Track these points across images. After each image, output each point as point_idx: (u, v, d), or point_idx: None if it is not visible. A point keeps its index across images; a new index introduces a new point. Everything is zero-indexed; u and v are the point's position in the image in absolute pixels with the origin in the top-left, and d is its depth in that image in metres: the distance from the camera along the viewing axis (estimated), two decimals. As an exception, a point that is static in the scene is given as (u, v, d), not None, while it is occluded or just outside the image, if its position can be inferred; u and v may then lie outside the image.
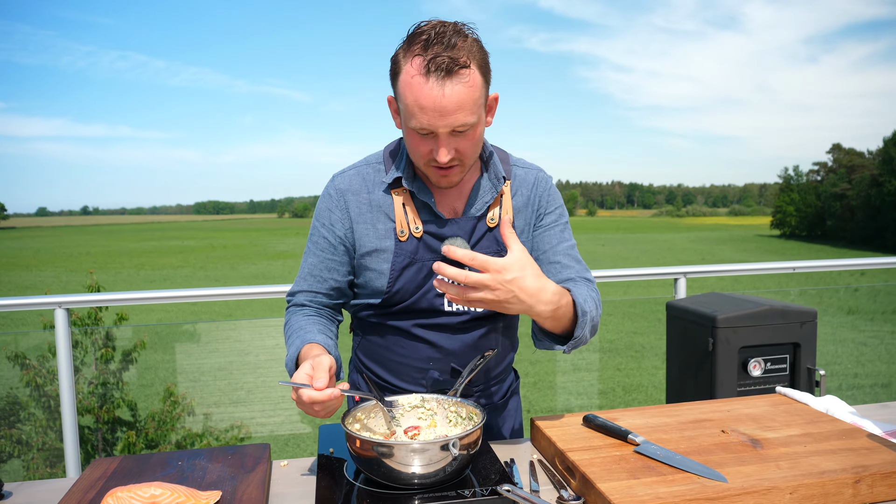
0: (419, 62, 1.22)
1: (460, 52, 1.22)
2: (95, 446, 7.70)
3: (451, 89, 1.21)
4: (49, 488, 1.28)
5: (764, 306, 2.54)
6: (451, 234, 1.40)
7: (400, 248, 1.39)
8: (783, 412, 1.41)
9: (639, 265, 41.16)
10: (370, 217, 1.41)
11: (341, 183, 1.44)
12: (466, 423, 1.23)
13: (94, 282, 8.72)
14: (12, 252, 65.98)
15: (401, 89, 1.26)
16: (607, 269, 3.12)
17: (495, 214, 1.44)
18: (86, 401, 7.44)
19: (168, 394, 7.92)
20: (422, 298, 1.41)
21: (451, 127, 1.24)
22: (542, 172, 1.54)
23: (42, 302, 2.64)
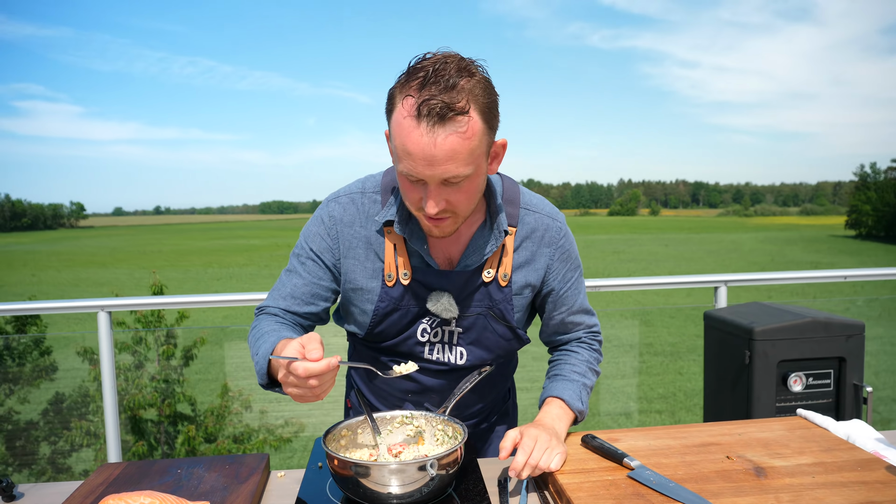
0: (411, 103, 1.09)
1: (459, 96, 1.09)
2: (158, 439, 8.03)
3: (443, 137, 1.08)
4: (56, 491, 1.33)
5: (805, 318, 2.41)
6: (439, 288, 1.32)
7: (385, 293, 1.33)
8: (798, 437, 1.33)
9: (703, 266, 39.85)
10: (360, 253, 1.34)
11: (335, 210, 1.35)
12: (452, 441, 1.21)
13: (156, 281, 9.09)
14: (91, 250, 69.57)
15: (392, 129, 1.15)
16: (659, 275, 3.03)
17: (493, 267, 1.33)
18: (149, 396, 7.78)
19: (225, 389, 8.19)
20: (402, 343, 1.37)
21: (440, 177, 1.13)
22: (555, 221, 1.38)
23: (86, 305, 2.76)
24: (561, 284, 1.40)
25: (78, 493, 1.24)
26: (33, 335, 8.87)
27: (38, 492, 1.34)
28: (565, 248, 1.39)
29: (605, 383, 6.00)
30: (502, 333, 1.37)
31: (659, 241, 61.91)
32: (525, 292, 1.37)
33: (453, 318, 1.33)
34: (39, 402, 7.45)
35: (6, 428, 7.20)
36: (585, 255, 49.14)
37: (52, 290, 36.28)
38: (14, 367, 7.79)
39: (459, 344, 1.36)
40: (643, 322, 9.02)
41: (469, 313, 1.34)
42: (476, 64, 1.14)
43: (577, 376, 1.41)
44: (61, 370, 7.87)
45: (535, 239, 1.36)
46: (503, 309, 1.35)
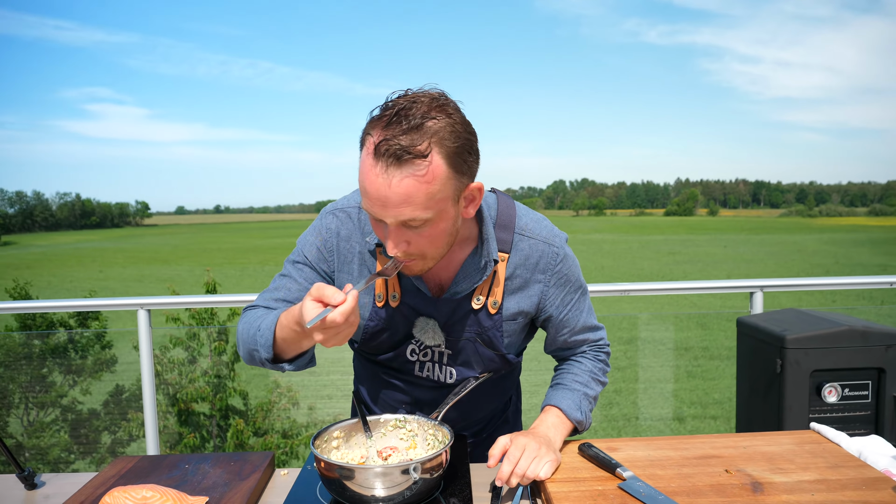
0: (371, 143, 1.07)
1: (420, 138, 1.05)
2: (210, 432, 8.29)
3: (398, 180, 1.05)
4: (75, 481, 1.40)
5: (842, 326, 2.32)
6: (427, 314, 1.31)
7: (374, 313, 1.33)
8: (806, 452, 1.29)
9: (763, 268, 38.56)
10: (354, 268, 1.34)
11: (332, 223, 1.35)
12: (440, 446, 1.22)
13: (210, 279, 9.39)
14: (154, 247, 72.33)
15: (360, 162, 1.12)
16: (709, 278, 2.96)
17: (483, 294, 1.31)
18: (201, 389, 8.04)
19: (274, 385, 8.39)
20: (394, 359, 1.39)
21: (396, 219, 1.09)
22: (551, 246, 1.33)
23: (126, 303, 2.88)
24: (560, 309, 1.37)
25: (90, 484, 1.30)
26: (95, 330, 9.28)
27: (59, 481, 1.41)
28: (562, 272, 1.34)
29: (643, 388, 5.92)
30: (490, 358, 1.36)
31: (717, 242, 60.24)
32: (518, 318, 1.35)
33: (436, 346, 1.34)
34: (101, 393, 7.80)
35: (70, 417, 7.57)
36: (640, 256, 48.19)
37: (117, 286, 37.88)
38: (77, 359, 8.17)
39: (449, 364, 1.37)
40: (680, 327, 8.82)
41: (456, 338, 1.33)
42: (452, 106, 1.11)
43: (578, 385, 1.39)
44: (121, 363, 8.22)
45: (529, 266, 1.32)
46: (491, 336, 1.33)
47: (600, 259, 46.30)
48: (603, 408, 6.88)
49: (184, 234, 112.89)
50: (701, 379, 8.49)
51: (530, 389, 1.80)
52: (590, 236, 73.39)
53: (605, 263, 43.35)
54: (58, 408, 7.51)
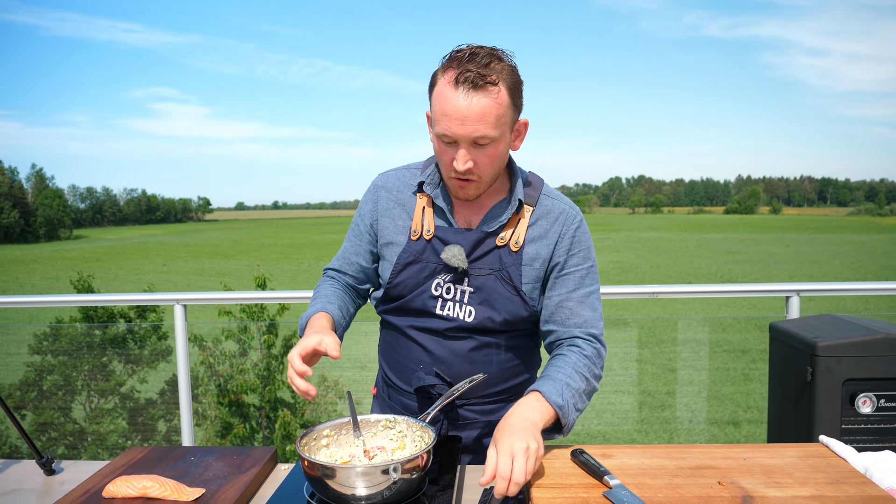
0: (451, 74, 1.29)
1: (491, 71, 1.28)
2: (259, 422, 8.52)
3: (476, 100, 1.27)
4: (90, 469, 1.47)
5: (878, 334, 2.21)
6: (455, 242, 1.43)
7: (409, 246, 1.47)
8: (808, 466, 1.24)
9: (828, 269, 37.06)
10: (395, 213, 1.51)
11: (380, 180, 1.57)
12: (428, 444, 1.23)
13: (261, 274, 9.64)
14: (215, 242, 74.65)
15: (434, 99, 1.34)
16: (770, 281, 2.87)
17: (507, 235, 1.44)
18: (251, 381, 8.27)
19: (322, 379, 8.56)
20: (416, 298, 1.46)
21: (471, 136, 1.29)
22: (573, 209, 1.50)
23: (163, 298, 3.00)
24: (565, 261, 1.46)
25: (100, 473, 1.36)
26: (152, 322, 9.65)
27: (75, 468, 1.49)
28: (578, 235, 1.47)
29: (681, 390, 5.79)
30: (510, 297, 1.44)
31: (780, 241, 58.15)
32: (535, 264, 1.45)
33: (462, 270, 1.42)
34: (157, 382, 8.12)
35: (128, 405, 7.90)
36: (697, 255, 46.94)
37: (180, 279, 39.30)
38: (136, 349, 8.53)
39: (470, 303, 1.44)
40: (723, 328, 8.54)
41: (478, 272, 1.43)
42: (506, 53, 1.33)
43: (561, 376, 1.37)
44: (175, 354, 8.54)
45: (551, 218, 1.47)
46: (511, 273, 1.43)
47: (656, 258, 45.33)
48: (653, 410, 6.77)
49: (243, 229, 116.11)
50: (757, 382, 8.24)
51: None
52: (646, 234, 71.89)
53: (661, 262, 42.41)
54: (117, 395, 7.85)
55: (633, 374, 7.07)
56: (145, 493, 1.24)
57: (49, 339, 7.47)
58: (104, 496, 1.25)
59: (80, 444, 7.14)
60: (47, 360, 6.97)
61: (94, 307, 9.58)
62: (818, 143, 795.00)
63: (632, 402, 6.86)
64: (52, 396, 6.90)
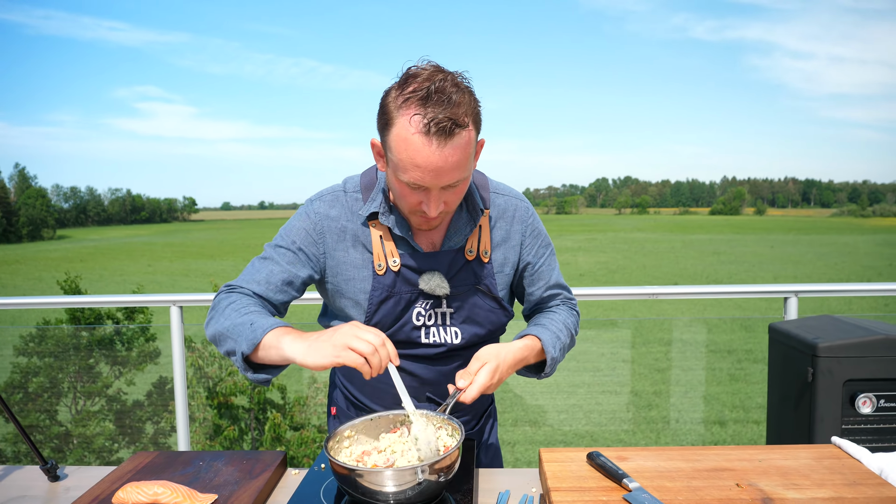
0: (418, 121, 1.16)
1: (459, 111, 1.18)
2: (248, 424, 8.46)
3: (450, 151, 1.19)
4: (96, 475, 1.45)
5: (877, 335, 2.23)
6: (429, 269, 1.39)
7: (377, 282, 1.39)
8: (824, 468, 1.24)
9: (813, 270, 37.40)
10: (348, 245, 1.41)
11: (320, 208, 1.42)
12: (450, 441, 1.23)
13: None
14: (201, 242, 74.13)
15: (394, 142, 1.21)
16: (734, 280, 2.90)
17: (473, 246, 1.43)
18: (241, 383, 8.21)
19: (312, 380, 8.52)
20: (399, 331, 1.42)
21: (444, 184, 1.24)
22: (522, 202, 1.51)
23: (159, 300, 2.96)
24: (536, 259, 1.50)
25: (108, 479, 1.34)
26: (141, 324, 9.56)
27: (79, 474, 1.46)
28: (534, 225, 1.51)
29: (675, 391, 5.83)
30: (490, 308, 1.46)
31: (764, 242, 58.71)
32: (506, 269, 1.47)
33: (446, 295, 1.40)
34: (145, 384, 8.04)
35: (115, 407, 7.81)
36: (683, 256, 47.24)
37: (165, 280, 38.96)
38: (123, 351, 8.43)
39: (453, 324, 1.44)
40: (721, 330, 8.60)
41: (457, 290, 1.42)
42: (463, 77, 1.23)
43: (554, 328, 1.47)
44: (164, 356, 8.45)
45: (507, 218, 1.47)
46: (489, 284, 1.44)
47: (642, 258, 45.57)
48: (640, 410, 6.79)
49: (229, 229, 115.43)
50: (742, 382, 8.31)
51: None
52: (632, 235, 72.30)
53: (648, 263, 42.64)
54: (103, 398, 7.75)
55: (619, 375, 7.10)
56: (156, 500, 1.22)
57: (35, 340, 7.37)
58: (114, 502, 1.23)
59: (65, 447, 7.04)
60: (33, 363, 6.87)
61: (80, 308, 9.47)
62: (802, 144, 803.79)
63: (619, 402, 6.89)
64: (37, 398, 6.80)
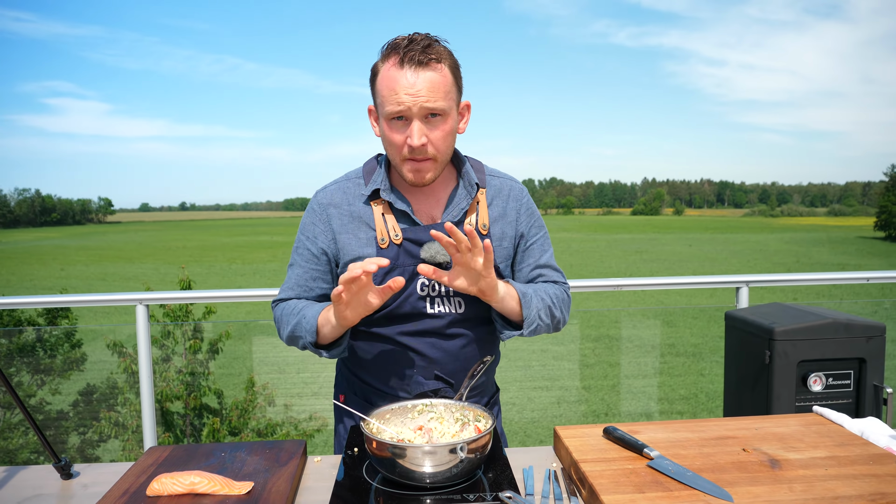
0: (395, 58, 1.36)
1: (432, 51, 1.36)
2: (184, 431, 8.18)
3: (423, 75, 1.34)
4: (112, 471, 1.43)
5: (826, 319, 2.44)
6: (428, 240, 1.47)
7: (381, 255, 1.46)
8: (813, 433, 1.38)
9: (727, 267, 39.36)
10: (352, 227, 1.50)
11: (323, 198, 1.53)
12: (481, 423, 1.29)
13: (185, 277, 9.26)
14: (118, 245, 70.79)
15: (378, 86, 1.39)
16: (681, 275, 3.07)
17: (472, 221, 1.52)
18: (175, 388, 7.93)
19: (250, 384, 8.33)
20: (405, 302, 1.47)
21: (423, 108, 1.35)
22: (517, 183, 1.62)
23: (125, 298, 2.87)
24: (529, 236, 1.59)
25: (131, 473, 1.33)
26: (65, 328, 9.09)
27: (93, 471, 1.43)
28: (529, 205, 1.61)
29: (626, 383, 6.05)
30: None
31: (683, 241, 61.32)
32: (504, 243, 1.56)
33: (447, 263, 1.46)
34: (69, 393, 7.66)
35: (37, 418, 7.40)
36: (607, 255, 48.82)
37: (80, 284, 36.98)
38: (46, 358, 8.00)
39: (456, 294, 1.50)
40: (665, 322, 9.00)
41: None
42: (442, 39, 1.40)
43: (531, 287, 1.53)
44: (90, 362, 8.07)
45: (504, 196, 1.57)
46: None
47: (569, 258, 46.77)
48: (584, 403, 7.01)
49: (148, 231, 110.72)
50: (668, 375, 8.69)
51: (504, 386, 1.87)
52: (558, 235, 74.07)
53: (574, 262, 43.81)
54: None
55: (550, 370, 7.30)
56: (193, 490, 1.22)
57: (-51, 347, 6.91)
58: (148, 494, 1.22)
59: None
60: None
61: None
62: (716, 148, 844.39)
63: (550, 396, 7.09)
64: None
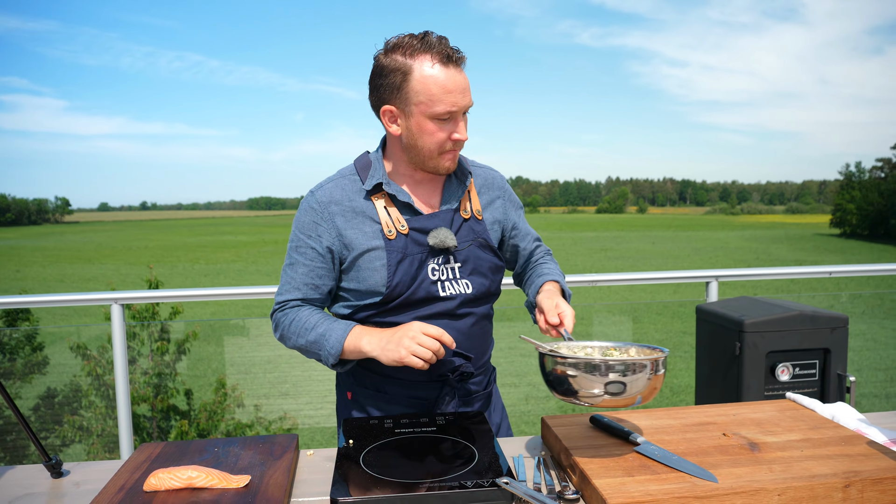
0: (435, 56, 1.42)
1: (459, 50, 1.46)
2: (150, 433, 8.05)
3: (463, 73, 1.46)
4: (102, 469, 1.43)
5: (793, 311, 2.54)
6: (435, 226, 1.54)
7: (391, 246, 1.52)
8: (788, 417, 1.45)
9: (690, 264, 40.15)
10: (356, 222, 1.54)
11: (322, 196, 1.56)
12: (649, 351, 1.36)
13: (153, 277, 9.11)
14: (76, 245, 68.97)
15: (418, 85, 1.43)
16: (650, 270, 3.14)
17: (467, 207, 1.62)
18: (141, 390, 7.79)
19: (220, 385, 8.23)
20: (418, 288, 1.53)
21: (469, 104, 1.48)
22: (496, 172, 1.74)
23: (100, 298, 2.84)
24: (516, 218, 1.74)
25: (125, 469, 1.33)
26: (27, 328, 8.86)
27: (83, 469, 1.43)
28: (509, 191, 1.75)
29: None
30: (490, 259, 1.61)
31: (646, 238, 62.33)
32: (495, 227, 1.67)
33: (454, 248, 1.54)
34: (29, 397, 7.46)
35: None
36: (573, 252, 49.35)
37: (37, 286, 35.93)
38: (5, 362, 7.78)
39: (462, 276, 1.57)
40: (633, 318, 9.15)
41: (462, 246, 1.57)
42: None
43: (557, 272, 1.73)
44: (53, 365, 7.87)
45: (488, 186, 1.69)
46: (486, 237, 1.62)
47: (536, 255, 47.07)
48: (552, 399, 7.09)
49: (108, 231, 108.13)
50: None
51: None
52: (525, 233, 74.32)
53: (542, 260, 44.12)
54: (-20, 414, 7.15)
55: (517, 367, 7.37)
56: (191, 484, 1.23)
57: None
58: (145, 490, 1.23)
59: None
60: None
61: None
62: (678, 147, 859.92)
63: (518, 393, 7.17)
64: None
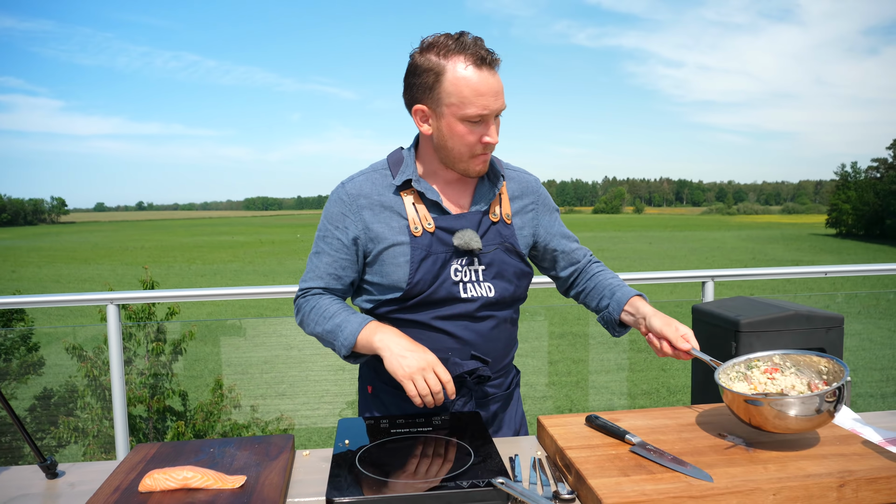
0: (469, 58, 1.41)
1: (493, 51, 1.45)
2: (147, 435, 8.03)
3: (496, 77, 1.45)
4: (97, 469, 1.42)
5: (788, 311, 2.55)
6: (461, 227, 1.52)
7: (416, 243, 1.51)
8: (783, 417, 1.45)
9: (686, 264, 40.15)
10: (384, 216, 1.53)
11: (352, 188, 1.56)
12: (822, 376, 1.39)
13: (148, 277, 9.08)
14: (72, 246, 68.82)
15: (451, 86, 1.42)
16: (646, 270, 3.15)
17: (496, 211, 1.59)
18: (138, 391, 7.77)
19: (217, 385, 8.21)
20: (439, 288, 1.52)
21: (501, 108, 1.47)
22: (531, 176, 1.72)
23: (96, 298, 2.83)
24: (549, 223, 1.72)
25: (120, 470, 1.33)
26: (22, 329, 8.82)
27: (78, 470, 1.43)
28: (544, 195, 1.73)
29: (590, 379, 6.16)
30: (516, 264, 1.60)
31: (643, 238, 62.42)
32: (524, 232, 1.65)
33: (479, 250, 1.52)
34: (25, 398, 7.43)
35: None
36: (570, 253, 49.49)
37: (33, 287, 35.85)
38: (0, 363, 7.76)
39: (485, 279, 1.56)
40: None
41: (487, 248, 1.55)
42: None
43: (625, 286, 1.73)
44: (47, 366, 7.84)
45: (521, 190, 1.67)
46: (513, 242, 1.60)
47: (533, 256, 47.14)
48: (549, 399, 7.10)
49: (104, 231, 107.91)
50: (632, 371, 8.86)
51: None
52: (522, 233, 74.42)
53: (538, 260, 44.17)
54: (-22, 415, 7.12)
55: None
56: (186, 484, 1.23)
57: None
58: (141, 490, 1.22)
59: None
60: None
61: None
62: (674, 147, 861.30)
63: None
64: None
